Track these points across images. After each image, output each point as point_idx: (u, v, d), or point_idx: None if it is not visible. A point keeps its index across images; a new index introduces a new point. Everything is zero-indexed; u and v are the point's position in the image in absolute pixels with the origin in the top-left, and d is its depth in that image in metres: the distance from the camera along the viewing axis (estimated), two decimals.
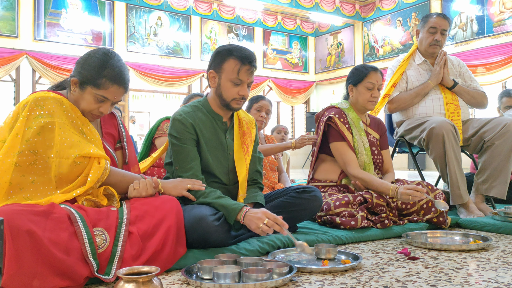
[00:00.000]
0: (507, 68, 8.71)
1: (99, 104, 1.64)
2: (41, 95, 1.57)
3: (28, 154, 1.48)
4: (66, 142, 1.52)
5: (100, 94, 1.61)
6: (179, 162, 1.91)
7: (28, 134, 1.49)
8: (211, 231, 1.69)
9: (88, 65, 1.61)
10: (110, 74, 1.60)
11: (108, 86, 1.61)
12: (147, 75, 10.10)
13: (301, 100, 12.91)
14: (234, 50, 1.91)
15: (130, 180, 1.67)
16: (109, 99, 1.64)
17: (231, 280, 1.36)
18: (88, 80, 1.60)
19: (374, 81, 2.53)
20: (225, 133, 2.01)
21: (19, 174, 1.47)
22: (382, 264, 1.66)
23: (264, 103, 3.30)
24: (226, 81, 1.92)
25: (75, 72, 1.64)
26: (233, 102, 1.94)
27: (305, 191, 2.07)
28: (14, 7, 8.91)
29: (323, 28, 12.91)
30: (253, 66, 1.91)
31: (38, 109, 1.52)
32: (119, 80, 1.62)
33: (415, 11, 10.43)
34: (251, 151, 2.06)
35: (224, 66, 1.91)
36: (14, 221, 1.25)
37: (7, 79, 9.10)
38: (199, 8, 11.08)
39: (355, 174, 2.41)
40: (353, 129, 2.52)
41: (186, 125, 1.91)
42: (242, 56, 1.89)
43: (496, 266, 1.62)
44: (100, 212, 1.48)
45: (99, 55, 1.62)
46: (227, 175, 2.00)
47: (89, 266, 1.34)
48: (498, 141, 2.64)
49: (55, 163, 1.50)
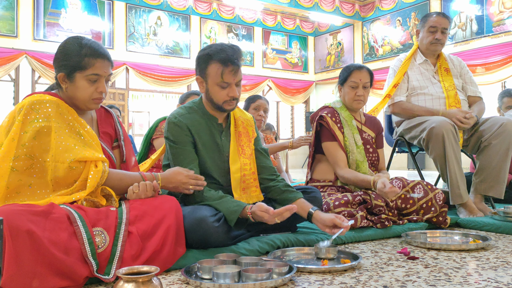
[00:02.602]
0: (507, 67, 8.71)
1: (95, 85, 1.63)
2: (37, 98, 1.56)
3: (24, 158, 1.48)
4: (61, 146, 1.51)
5: (90, 73, 1.61)
6: (177, 164, 1.89)
7: (24, 138, 1.49)
8: (212, 233, 1.69)
9: (65, 55, 1.62)
10: (89, 51, 1.61)
11: (93, 63, 1.61)
12: (147, 75, 10.09)
13: (301, 100, 12.91)
14: (213, 53, 1.86)
15: (129, 181, 1.66)
16: (101, 75, 1.64)
17: (231, 280, 1.36)
18: (73, 68, 1.60)
19: (357, 80, 2.52)
20: (220, 135, 2.00)
21: (16, 178, 1.47)
22: (381, 264, 1.66)
23: (261, 102, 3.34)
24: (213, 86, 1.89)
25: (57, 69, 1.64)
26: (225, 104, 1.92)
27: (305, 191, 2.07)
28: (14, 6, 8.90)
29: (323, 28, 12.90)
30: (236, 65, 1.86)
31: (33, 113, 1.52)
32: (99, 53, 1.64)
33: (414, 11, 10.43)
34: (247, 152, 2.03)
35: (207, 71, 1.89)
36: (14, 221, 1.25)
37: (7, 79, 9.09)
38: (198, 7, 11.07)
39: (341, 174, 2.44)
40: (345, 128, 2.53)
41: (182, 127, 1.91)
42: (222, 59, 1.84)
43: (496, 265, 1.62)
44: (100, 212, 1.48)
45: (71, 42, 1.64)
46: (224, 176, 1.99)
47: (89, 266, 1.34)
48: (495, 140, 2.64)
49: (51, 167, 1.50)
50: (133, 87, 10.52)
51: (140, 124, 13.24)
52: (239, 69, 1.89)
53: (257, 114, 3.32)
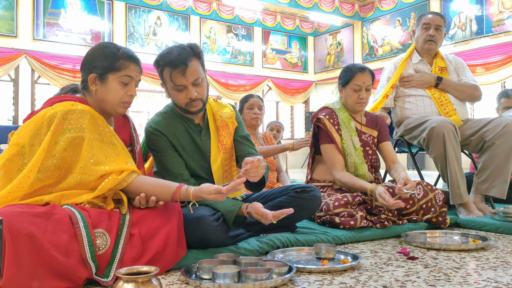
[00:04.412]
0: (506, 68, 8.71)
1: (126, 88, 1.64)
2: (69, 108, 1.52)
3: (53, 169, 1.48)
4: (93, 158, 1.50)
5: (123, 74, 1.62)
6: (167, 171, 1.89)
7: (56, 149, 1.48)
8: (211, 232, 1.69)
9: (100, 56, 1.62)
10: (125, 54, 1.64)
11: (127, 65, 1.63)
12: (146, 75, 10.08)
13: (300, 100, 12.91)
14: (161, 58, 1.84)
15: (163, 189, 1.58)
16: (133, 78, 1.65)
17: (231, 280, 1.36)
18: (106, 69, 1.61)
19: (361, 83, 2.47)
20: (200, 135, 1.98)
21: (40, 185, 1.47)
22: (381, 264, 1.66)
23: (254, 100, 3.35)
24: (171, 90, 1.87)
25: (88, 70, 1.63)
26: (189, 107, 1.88)
27: (304, 190, 2.05)
28: (13, 6, 8.89)
29: (322, 28, 12.90)
30: (184, 65, 1.78)
31: (66, 124, 1.50)
32: (134, 57, 1.67)
33: (414, 11, 10.43)
34: (228, 146, 1.99)
35: (163, 77, 1.87)
36: (14, 223, 1.25)
37: (6, 79, 9.08)
38: (198, 8, 11.07)
39: (338, 177, 2.42)
40: (342, 130, 2.50)
41: (158, 135, 1.90)
42: (168, 62, 1.80)
43: (495, 265, 1.62)
44: (102, 213, 1.47)
45: (105, 46, 1.65)
46: (211, 175, 1.97)
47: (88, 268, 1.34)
48: (498, 140, 2.64)
49: (74, 178, 1.49)
50: None
51: (140, 124, 13.24)
52: (188, 68, 1.79)
53: (252, 113, 3.32)
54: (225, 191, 1.50)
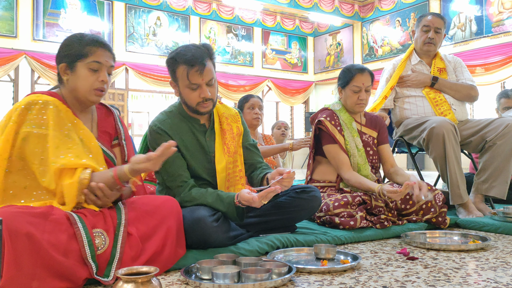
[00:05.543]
0: (506, 68, 8.71)
1: (96, 75, 1.62)
2: (33, 98, 1.55)
3: (16, 160, 1.48)
4: (50, 150, 1.49)
5: (91, 60, 1.61)
6: (167, 171, 1.88)
7: (17, 139, 1.49)
8: (210, 232, 1.69)
9: (67, 46, 1.63)
10: (90, 40, 1.63)
11: (94, 50, 1.62)
12: (146, 75, 10.09)
13: (300, 100, 12.92)
14: (177, 56, 1.84)
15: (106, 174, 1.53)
16: (102, 63, 1.63)
17: (230, 280, 1.36)
18: (74, 57, 1.60)
19: (360, 84, 2.47)
20: (204, 135, 1.97)
21: (10, 179, 1.47)
22: (381, 264, 1.66)
23: (254, 100, 3.37)
24: (184, 89, 1.87)
25: (59, 61, 1.64)
26: (199, 107, 1.88)
27: (304, 191, 2.06)
28: (13, 7, 8.90)
29: (322, 28, 12.91)
30: (201, 65, 1.80)
31: (28, 114, 1.51)
32: (101, 42, 1.65)
33: (414, 11, 10.43)
34: (231, 150, 2.00)
35: (176, 75, 1.87)
36: (13, 223, 1.25)
37: (6, 79, 9.09)
38: (198, 8, 11.07)
39: (347, 177, 2.41)
40: (345, 131, 2.50)
41: (162, 134, 1.89)
42: (187, 60, 1.80)
43: (495, 266, 1.62)
44: (97, 214, 1.47)
45: (72, 35, 1.66)
46: (214, 176, 1.96)
47: (88, 268, 1.34)
48: (500, 141, 2.64)
49: (38, 171, 1.48)
50: (133, 88, 10.51)
51: (140, 125, 13.24)
52: (205, 68, 1.81)
53: (253, 113, 3.33)
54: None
